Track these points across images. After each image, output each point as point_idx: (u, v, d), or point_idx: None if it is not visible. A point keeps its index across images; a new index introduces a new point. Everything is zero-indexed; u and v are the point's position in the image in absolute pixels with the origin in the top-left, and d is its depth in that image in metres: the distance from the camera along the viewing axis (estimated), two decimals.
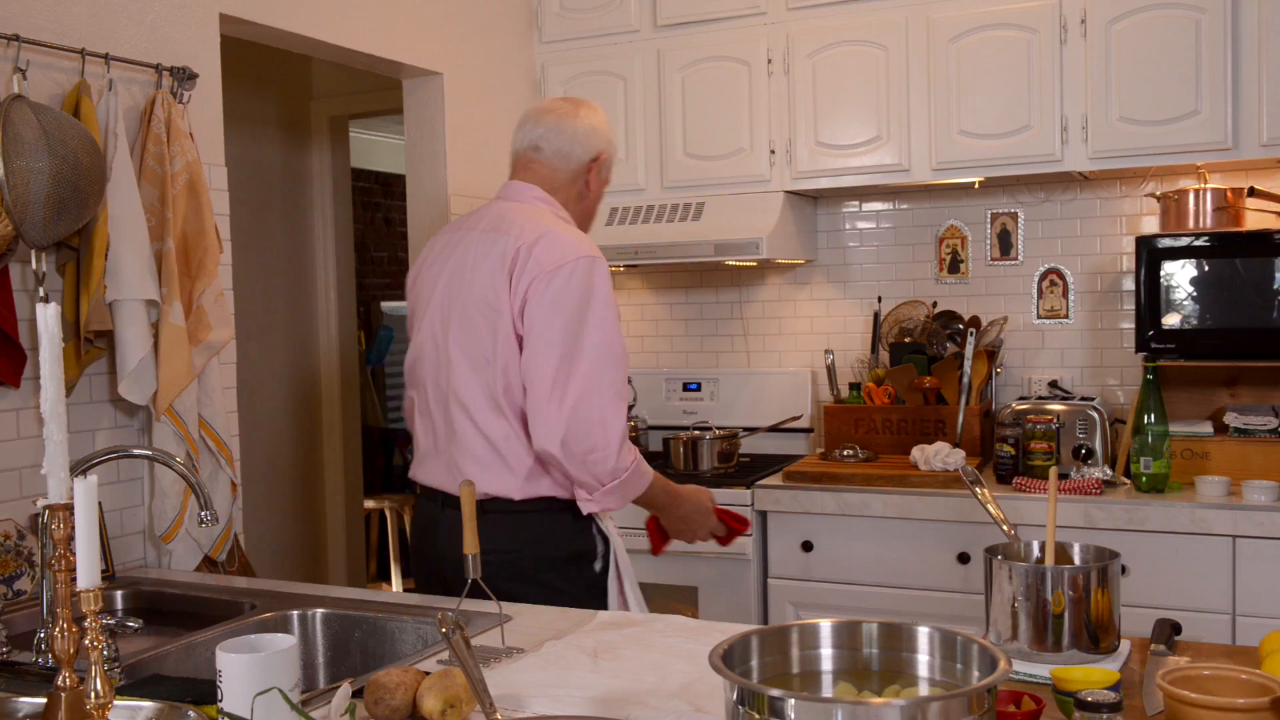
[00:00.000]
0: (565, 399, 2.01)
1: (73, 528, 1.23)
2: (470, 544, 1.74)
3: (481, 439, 2.10)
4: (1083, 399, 3.41)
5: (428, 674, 1.46)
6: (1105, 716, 1.20)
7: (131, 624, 1.83)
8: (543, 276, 2.05)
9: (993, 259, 3.72)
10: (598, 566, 2.19)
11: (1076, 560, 1.67)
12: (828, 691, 1.20)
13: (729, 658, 1.14)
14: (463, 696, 1.40)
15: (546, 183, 2.26)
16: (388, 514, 5.56)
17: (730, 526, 2.47)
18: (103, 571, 2.00)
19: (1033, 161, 3.30)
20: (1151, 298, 3.15)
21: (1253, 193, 3.21)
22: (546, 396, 2.01)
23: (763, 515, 3.28)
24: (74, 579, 1.23)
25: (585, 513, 2.12)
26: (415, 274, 2.37)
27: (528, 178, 2.28)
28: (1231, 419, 3.15)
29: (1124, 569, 2.84)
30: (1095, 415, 3.24)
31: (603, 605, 2.18)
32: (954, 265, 3.76)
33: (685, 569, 3.32)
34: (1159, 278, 3.14)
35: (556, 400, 2.01)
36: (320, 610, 2.02)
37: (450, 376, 2.16)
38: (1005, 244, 3.70)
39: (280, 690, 1.23)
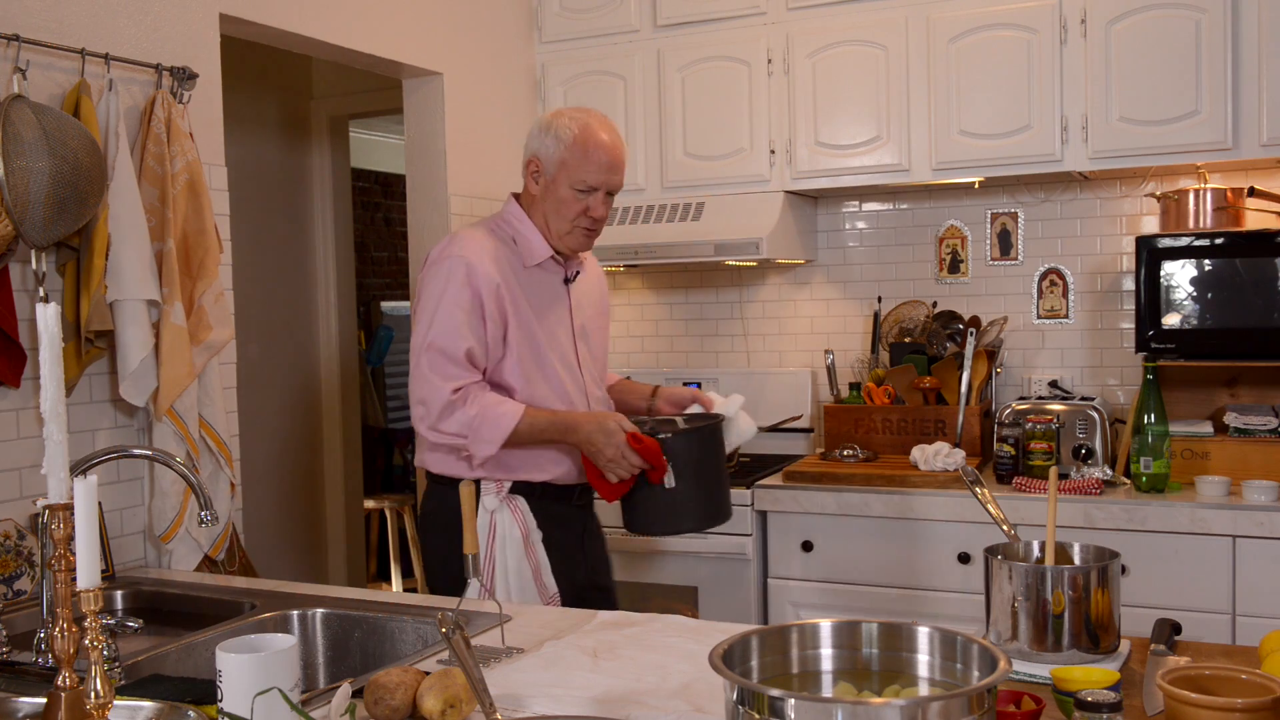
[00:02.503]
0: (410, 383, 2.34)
1: (73, 528, 1.23)
2: (470, 544, 1.74)
3: None
4: (1083, 399, 3.41)
5: (428, 674, 1.46)
6: (1105, 716, 1.20)
7: (131, 624, 1.83)
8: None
9: (993, 259, 3.72)
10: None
11: (1076, 560, 1.67)
12: (828, 691, 1.20)
13: (729, 658, 1.14)
14: (463, 696, 1.40)
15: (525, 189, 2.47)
16: (388, 514, 5.56)
17: (646, 459, 2.25)
18: (103, 571, 2.00)
19: (1032, 161, 3.30)
20: (1151, 298, 3.15)
21: (1253, 193, 3.21)
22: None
23: (763, 515, 3.28)
24: (74, 579, 1.23)
25: (473, 470, 2.32)
26: None
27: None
28: (1231, 419, 3.15)
29: (1124, 569, 2.84)
30: (1095, 415, 3.24)
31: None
32: (954, 265, 3.76)
33: (685, 569, 3.32)
34: (1159, 278, 3.14)
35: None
36: (320, 610, 2.02)
37: None
38: (1005, 244, 3.70)
39: (280, 690, 1.23)
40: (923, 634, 1.20)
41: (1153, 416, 2.99)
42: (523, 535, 2.29)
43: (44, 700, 1.28)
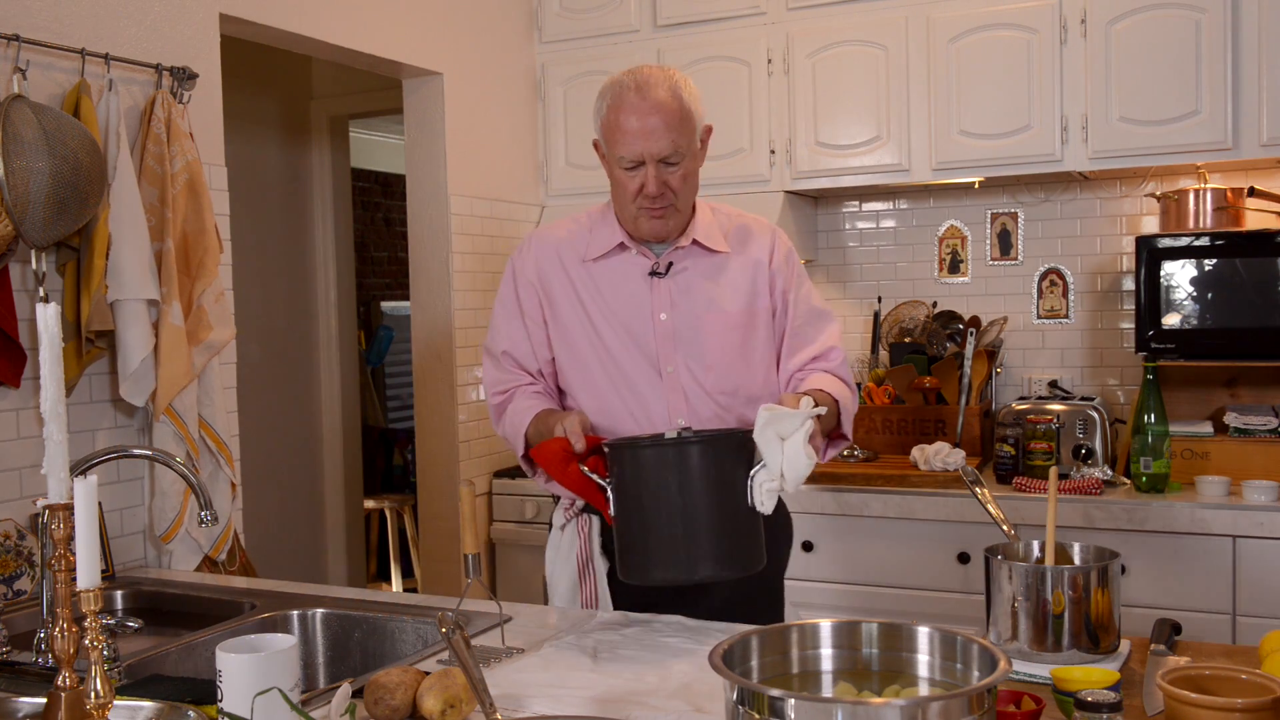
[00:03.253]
0: None
1: (73, 528, 1.23)
2: (469, 544, 1.74)
3: None
4: (1083, 399, 3.41)
5: (428, 674, 1.46)
6: (1105, 716, 1.20)
7: (131, 624, 1.84)
8: None
9: (993, 259, 3.72)
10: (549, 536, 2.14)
11: (1076, 560, 1.67)
12: (828, 691, 1.20)
13: (729, 658, 1.14)
14: (463, 696, 1.40)
15: None
16: (388, 514, 5.56)
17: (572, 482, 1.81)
18: (103, 571, 2.00)
19: (1033, 161, 3.30)
20: (1151, 298, 3.15)
21: (1253, 193, 3.21)
22: None
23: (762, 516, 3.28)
24: (74, 579, 1.23)
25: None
26: None
27: None
28: (1231, 419, 3.15)
29: (1124, 569, 2.84)
30: (1095, 415, 3.24)
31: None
32: (954, 265, 3.76)
33: None
34: (1159, 278, 3.14)
35: None
36: (320, 610, 2.02)
37: None
38: (1005, 244, 3.70)
39: (280, 690, 1.23)
40: (923, 634, 1.20)
41: (1153, 416, 2.99)
42: (580, 560, 2.03)
43: (44, 700, 1.28)
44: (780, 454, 1.70)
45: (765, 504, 1.73)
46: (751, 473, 1.73)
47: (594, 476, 1.79)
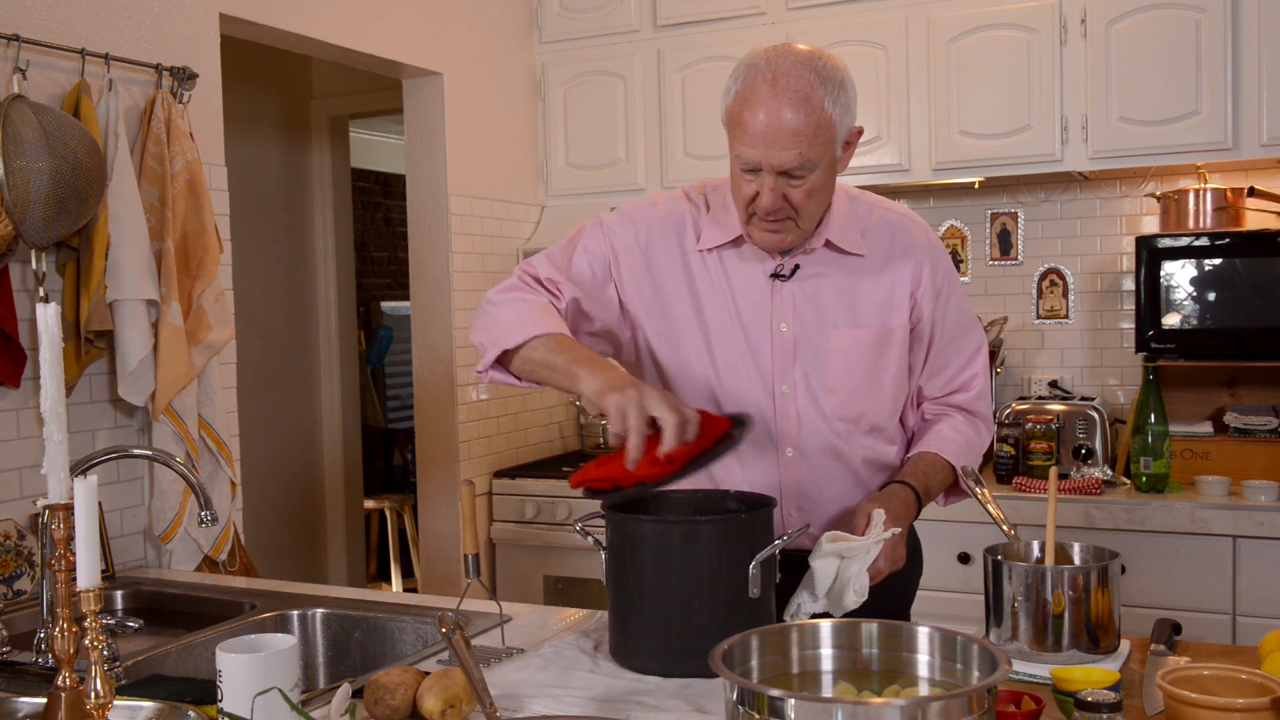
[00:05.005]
0: None
1: (73, 528, 1.23)
2: (469, 544, 1.74)
3: None
4: (1083, 399, 3.41)
5: (428, 674, 1.46)
6: (1105, 716, 1.20)
7: (131, 624, 1.83)
8: None
9: (993, 259, 3.72)
10: None
11: (1076, 560, 1.67)
12: (828, 691, 1.20)
13: (729, 658, 1.14)
14: (463, 696, 1.40)
15: None
16: (388, 514, 5.56)
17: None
18: (103, 571, 2.00)
19: (1033, 161, 3.30)
20: (1151, 298, 3.15)
21: (1253, 193, 3.21)
22: None
23: None
24: (74, 579, 1.23)
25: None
26: None
27: None
28: (1231, 419, 3.16)
29: (1124, 569, 2.84)
30: (1095, 415, 3.24)
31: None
32: (954, 265, 3.76)
33: None
34: (1159, 278, 3.14)
35: None
36: (320, 610, 2.02)
37: None
38: (1005, 244, 3.70)
39: (280, 690, 1.23)
40: (923, 634, 1.20)
41: (1153, 416, 2.99)
42: None
43: (44, 700, 1.28)
44: (833, 579, 1.58)
45: (794, 618, 1.59)
46: (798, 597, 1.61)
47: (592, 538, 1.66)
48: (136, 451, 1.99)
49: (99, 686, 1.22)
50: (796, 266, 1.75)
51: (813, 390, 1.76)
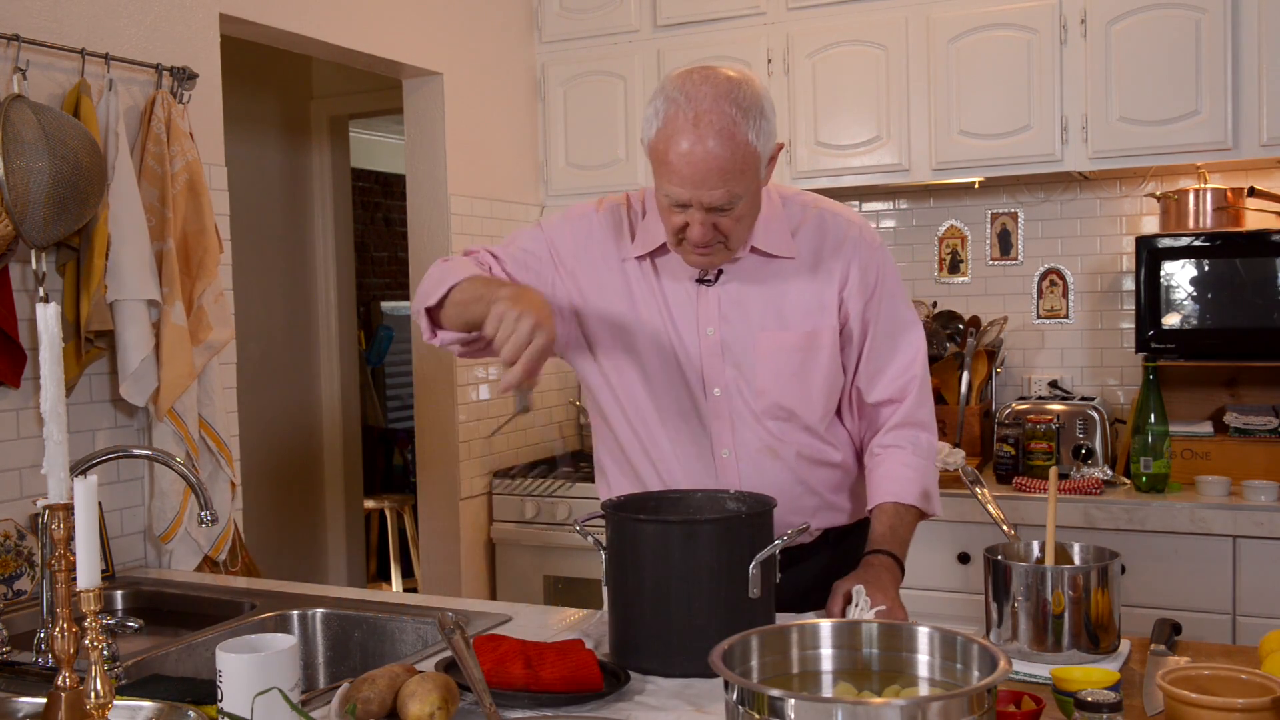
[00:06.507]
0: None
1: (73, 528, 1.23)
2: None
3: None
4: (1083, 399, 3.41)
5: (420, 672, 1.45)
6: (1105, 716, 1.20)
7: (131, 624, 1.83)
8: None
9: (993, 259, 3.72)
10: None
11: (1076, 560, 1.67)
12: (828, 691, 1.20)
13: (729, 658, 1.14)
14: (447, 698, 1.38)
15: None
16: (388, 514, 5.57)
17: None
18: (103, 571, 2.00)
19: (1032, 161, 3.30)
20: (1151, 298, 3.15)
21: (1253, 193, 3.21)
22: None
23: None
24: (74, 579, 1.23)
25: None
26: None
27: None
28: (1231, 419, 3.16)
29: (1124, 569, 2.84)
30: (1095, 415, 3.24)
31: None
32: (954, 265, 3.76)
33: None
34: (1159, 278, 3.14)
35: None
36: (320, 610, 2.02)
37: None
38: (1005, 244, 3.70)
39: (280, 690, 1.23)
40: (923, 634, 1.20)
41: (1153, 416, 2.99)
42: None
43: (44, 700, 1.28)
44: None
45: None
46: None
47: (592, 538, 1.66)
48: (136, 451, 1.99)
49: (99, 686, 1.22)
50: (721, 271, 1.77)
51: (743, 393, 1.78)
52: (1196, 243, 3.11)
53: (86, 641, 1.23)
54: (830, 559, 1.88)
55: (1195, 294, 3.12)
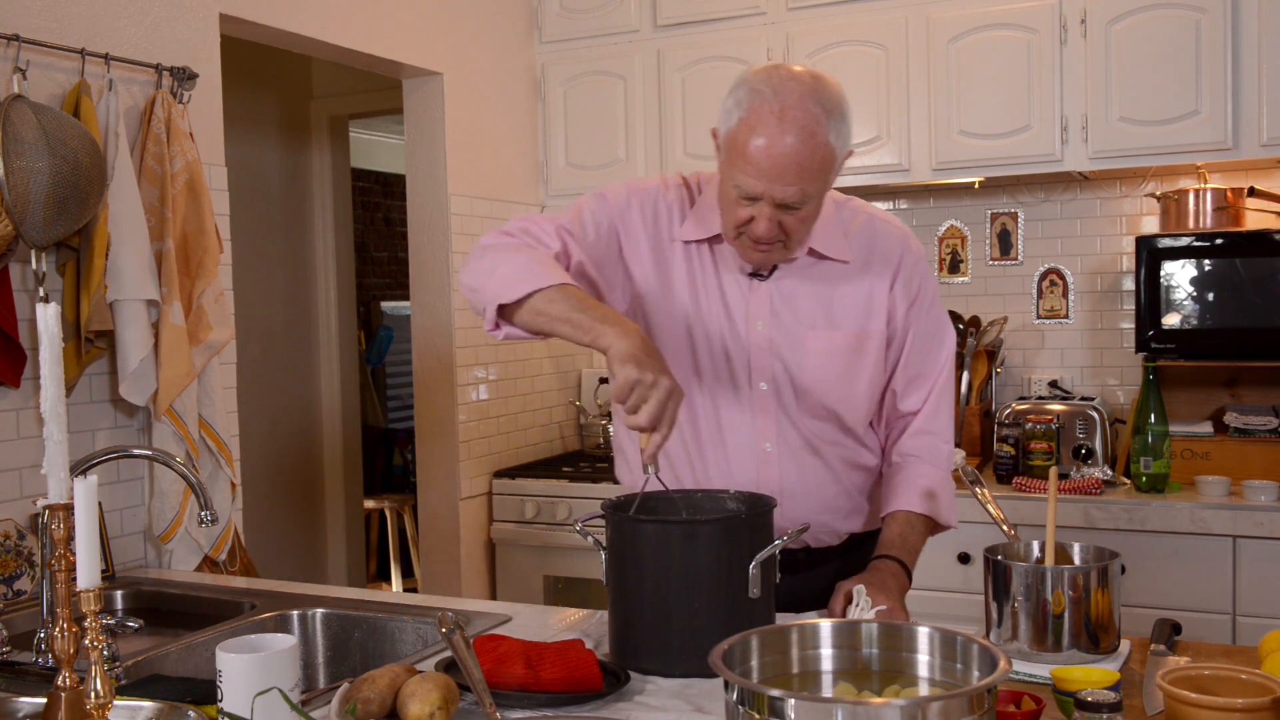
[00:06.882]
0: None
1: (73, 528, 1.23)
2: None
3: None
4: (1083, 399, 3.41)
5: (420, 672, 1.45)
6: (1105, 716, 1.20)
7: (131, 624, 1.83)
8: None
9: (993, 259, 3.72)
10: None
11: (1076, 560, 1.67)
12: (828, 691, 1.20)
13: (729, 658, 1.14)
14: (448, 698, 1.38)
15: None
16: (388, 514, 5.57)
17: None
18: (103, 571, 2.00)
19: (1032, 161, 3.30)
20: (1151, 298, 3.15)
21: (1253, 193, 3.21)
22: None
23: None
24: (74, 579, 1.23)
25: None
26: None
27: None
28: (1231, 419, 3.16)
29: (1124, 569, 2.84)
30: (1095, 415, 3.24)
31: None
32: (954, 265, 3.76)
33: None
34: (1159, 278, 3.14)
35: None
36: (320, 610, 2.02)
37: None
38: (1005, 244, 3.70)
39: (280, 690, 1.23)
40: (923, 634, 1.20)
41: (1153, 416, 2.99)
42: None
43: (44, 700, 1.28)
44: None
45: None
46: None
47: (592, 538, 1.66)
48: (136, 451, 1.99)
49: (99, 686, 1.22)
50: (775, 267, 1.77)
51: (789, 389, 1.78)
52: (1196, 243, 3.11)
53: (86, 641, 1.23)
54: (847, 565, 1.88)
55: (1195, 294, 3.12)
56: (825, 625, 1.23)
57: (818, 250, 1.77)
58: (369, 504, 5.38)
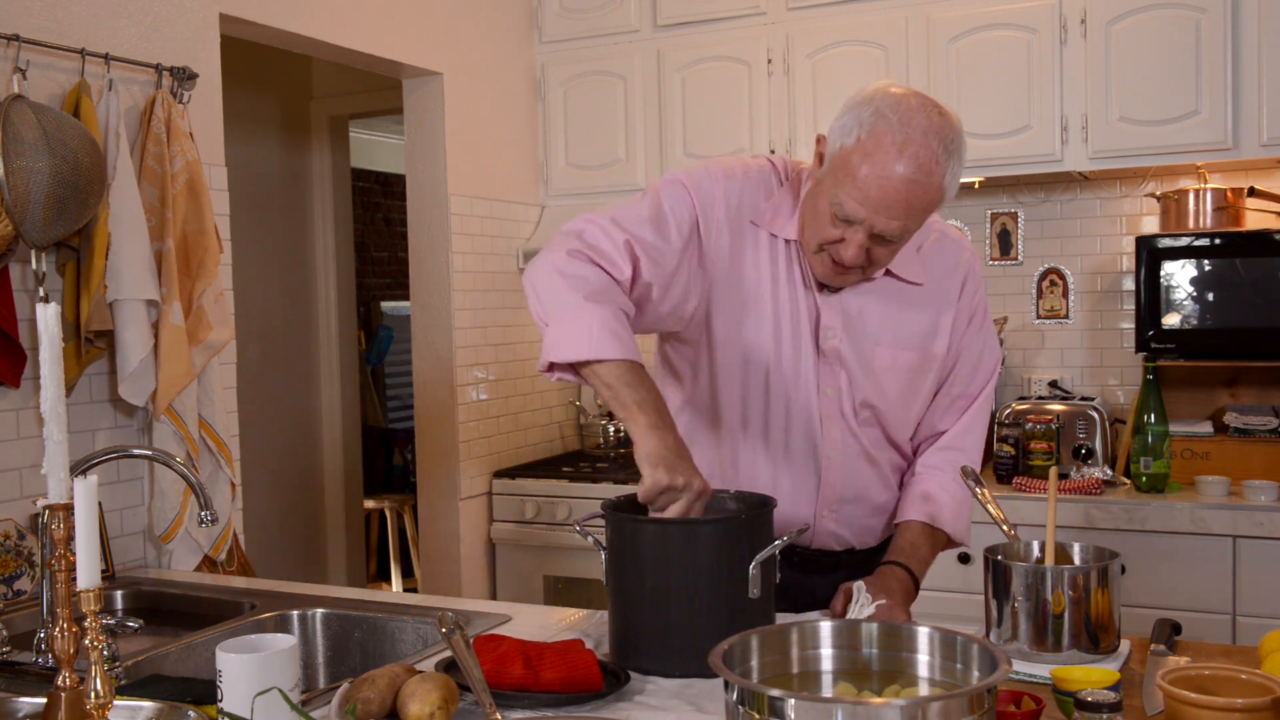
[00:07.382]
0: None
1: (73, 528, 1.23)
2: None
3: None
4: (1083, 399, 3.41)
5: (420, 672, 1.45)
6: (1105, 716, 1.20)
7: (131, 624, 1.83)
8: None
9: (993, 259, 3.72)
10: None
11: (1076, 560, 1.67)
12: (828, 691, 1.20)
13: (729, 658, 1.14)
14: (448, 698, 1.38)
15: None
16: (388, 514, 5.56)
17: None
18: (103, 571, 2.00)
19: (1033, 161, 3.30)
20: (1151, 298, 3.15)
21: (1253, 193, 3.21)
22: None
23: None
24: (74, 579, 1.23)
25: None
26: None
27: None
28: (1231, 419, 3.16)
29: (1124, 569, 2.84)
30: (1095, 415, 3.24)
31: None
32: None
33: None
34: (1159, 278, 3.14)
35: None
36: (320, 610, 2.02)
37: None
38: (1005, 244, 3.70)
39: (280, 690, 1.23)
40: (923, 634, 1.20)
41: (1153, 416, 2.99)
42: None
43: (44, 700, 1.28)
44: None
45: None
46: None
47: (592, 538, 1.66)
48: (136, 451, 1.99)
49: (99, 686, 1.22)
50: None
51: (852, 400, 1.78)
52: (1196, 243, 3.11)
53: (86, 641, 1.23)
54: (858, 570, 1.89)
55: (1195, 294, 3.12)
56: (825, 625, 1.23)
57: (896, 274, 1.76)
58: (369, 504, 5.38)
